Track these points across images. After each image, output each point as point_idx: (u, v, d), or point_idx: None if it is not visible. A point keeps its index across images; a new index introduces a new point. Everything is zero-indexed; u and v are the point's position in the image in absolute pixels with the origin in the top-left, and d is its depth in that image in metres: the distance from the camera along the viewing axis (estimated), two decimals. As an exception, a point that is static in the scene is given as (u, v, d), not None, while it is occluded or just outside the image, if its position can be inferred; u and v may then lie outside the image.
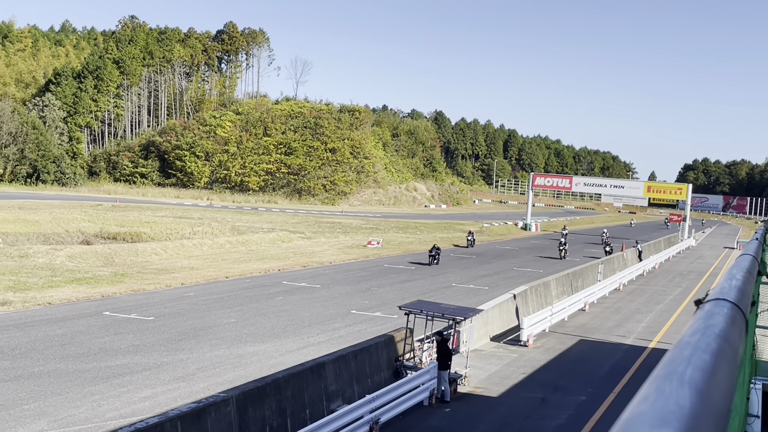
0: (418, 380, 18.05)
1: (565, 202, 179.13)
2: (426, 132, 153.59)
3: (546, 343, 26.34)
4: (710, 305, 2.00)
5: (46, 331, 22.98)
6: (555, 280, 34.66)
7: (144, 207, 75.48)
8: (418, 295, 30.63)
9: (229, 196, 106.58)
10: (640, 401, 1.19)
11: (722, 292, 2.19)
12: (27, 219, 54.35)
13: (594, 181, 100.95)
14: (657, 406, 1.15)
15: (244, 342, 23.08)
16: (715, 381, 1.32)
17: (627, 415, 1.15)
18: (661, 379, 1.28)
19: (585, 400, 19.38)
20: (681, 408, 1.14)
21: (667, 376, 1.29)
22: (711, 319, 1.82)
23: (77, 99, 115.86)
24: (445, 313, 19.87)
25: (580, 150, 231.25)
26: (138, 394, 17.44)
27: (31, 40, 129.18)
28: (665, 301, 37.99)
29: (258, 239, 52.38)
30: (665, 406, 1.15)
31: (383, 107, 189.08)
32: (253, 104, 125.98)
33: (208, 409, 12.68)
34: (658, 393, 1.21)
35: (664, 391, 1.21)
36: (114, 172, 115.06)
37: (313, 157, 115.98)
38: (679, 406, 1.15)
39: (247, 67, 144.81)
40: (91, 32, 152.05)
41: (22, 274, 32.38)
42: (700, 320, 1.81)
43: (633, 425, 1.10)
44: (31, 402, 16.38)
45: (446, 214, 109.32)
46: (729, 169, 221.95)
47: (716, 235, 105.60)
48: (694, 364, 1.37)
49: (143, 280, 33.79)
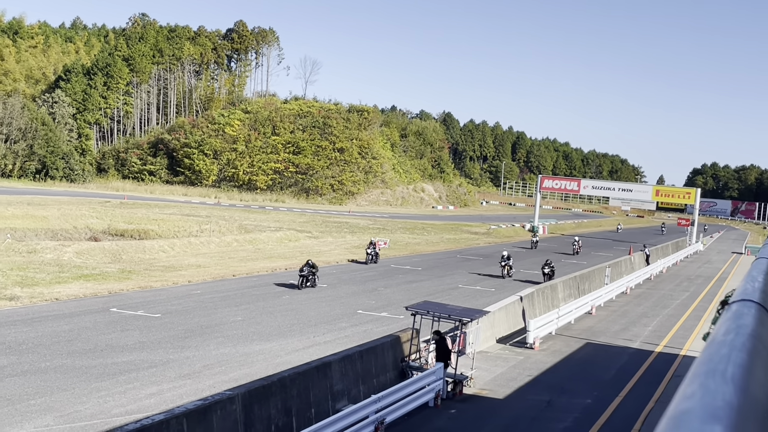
0: (423, 381, 18.04)
1: (573, 205, 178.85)
2: (434, 133, 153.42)
3: (552, 345, 26.29)
4: (737, 306, 2.05)
5: (53, 327, 23.04)
6: (562, 283, 34.61)
7: (152, 204, 75.62)
8: (425, 295, 30.61)
9: (236, 195, 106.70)
10: (686, 398, 1.23)
11: (747, 294, 2.24)
12: (35, 215, 54.49)
13: (602, 184, 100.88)
14: (705, 403, 1.19)
15: (250, 340, 23.09)
16: (755, 378, 1.37)
17: (675, 412, 1.19)
18: (704, 377, 1.32)
19: (591, 404, 19.33)
20: (728, 404, 1.18)
21: (709, 374, 1.34)
22: (741, 319, 1.87)
23: (87, 96, 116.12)
24: (451, 314, 19.86)
25: (589, 153, 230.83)
26: (144, 390, 17.46)
27: (42, 37, 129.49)
28: (672, 305, 37.88)
29: (265, 238, 52.42)
30: (713, 402, 1.19)
31: (392, 108, 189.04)
32: (262, 103, 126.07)
33: (213, 407, 12.68)
34: (703, 390, 1.25)
35: (709, 389, 1.25)
36: (122, 169, 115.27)
37: (321, 157, 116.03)
38: (725, 402, 1.19)
39: (256, 66, 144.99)
40: (102, 29, 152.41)
41: (30, 270, 32.46)
42: (730, 320, 1.86)
43: (684, 421, 1.13)
44: (37, 397, 16.41)
45: (454, 216, 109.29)
46: (738, 174, 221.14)
47: (724, 240, 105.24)
48: (734, 362, 1.41)
49: (150, 277, 33.84)
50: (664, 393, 20.44)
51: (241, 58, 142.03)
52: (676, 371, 23.14)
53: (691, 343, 27.72)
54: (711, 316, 33.64)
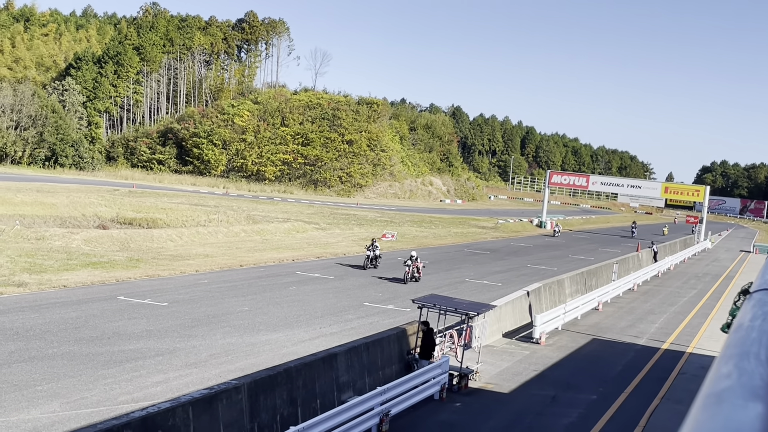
0: (429, 374, 18.07)
1: (582, 201, 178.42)
2: (443, 126, 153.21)
3: (558, 341, 26.29)
4: (761, 295, 2.11)
5: (60, 314, 23.14)
6: (569, 279, 34.58)
7: (160, 193, 75.78)
8: (432, 289, 30.61)
9: (245, 185, 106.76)
10: (724, 377, 1.30)
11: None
12: (44, 202, 54.68)
13: (611, 180, 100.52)
14: (743, 382, 1.26)
15: (256, 330, 23.16)
16: None
17: (714, 389, 1.26)
18: (738, 358, 1.39)
19: (596, 399, 19.34)
20: (767, 384, 1.25)
21: (744, 356, 1.40)
22: (766, 306, 1.93)
23: (97, 84, 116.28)
24: (458, 307, 19.87)
25: (598, 149, 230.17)
26: (150, 378, 17.54)
27: (54, 25, 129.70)
28: (680, 302, 37.83)
29: (273, 229, 52.49)
30: (751, 381, 1.26)
31: (401, 101, 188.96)
32: (271, 94, 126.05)
33: (219, 396, 12.72)
34: (740, 371, 1.32)
35: (745, 370, 1.32)
36: (131, 158, 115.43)
37: (329, 149, 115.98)
38: (764, 381, 1.26)
39: (266, 57, 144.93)
40: (112, 18, 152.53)
41: (38, 257, 32.58)
42: (756, 307, 1.93)
43: (725, 398, 1.20)
44: (44, 383, 16.50)
45: (461, 210, 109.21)
46: (747, 172, 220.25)
47: (732, 238, 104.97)
48: (766, 345, 1.48)
49: (158, 266, 33.94)
50: (669, 390, 20.44)
51: (251, 49, 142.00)
52: (683, 369, 23.13)
53: (698, 341, 27.69)
54: (719, 314, 33.60)
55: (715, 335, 27.75)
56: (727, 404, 1.14)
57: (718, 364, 1.40)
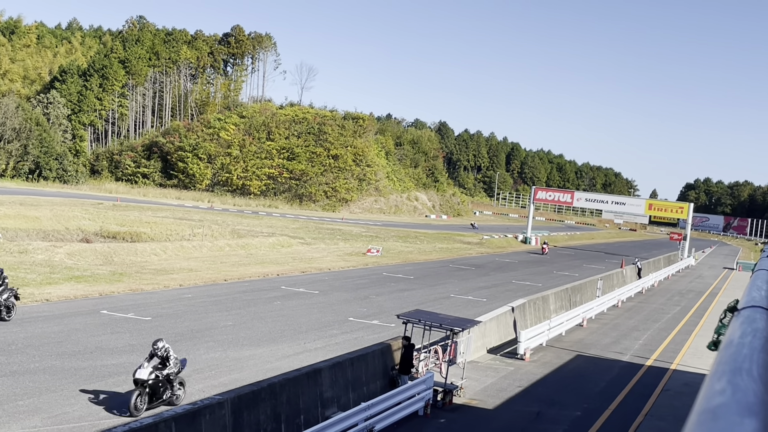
0: (413, 390, 18.02)
1: (566, 217, 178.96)
2: (429, 142, 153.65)
3: (543, 357, 26.30)
4: (749, 312, 2.13)
5: (42, 328, 22.95)
6: (554, 295, 34.64)
7: (145, 207, 75.49)
8: (417, 304, 30.58)
9: (230, 200, 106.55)
10: (717, 394, 1.30)
11: (756, 301, 2.34)
12: (27, 215, 54.33)
13: (595, 196, 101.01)
14: (738, 398, 1.27)
15: (240, 345, 23.04)
16: None
17: (708, 406, 1.26)
18: (731, 375, 1.40)
19: (580, 416, 19.33)
20: (761, 401, 1.25)
21: (736, 372, 1.42)
22: (755, 323, 1.97)
23: (82, 97, 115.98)
24: (443, 323, 19.85)
25: (583, 165, 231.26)
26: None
27: (35, 35, 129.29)
28: (663, 319, 37.95)
29: (258, 243, 52.37)
30: (745, 398, 1.27)
31: (387, 116, 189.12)
32: (257, 108, 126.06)
33: (202, 411, 12.65)
34: (733, 387, 1.33)
35: (739, 386, 1.33)
36: (116, 172, 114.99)
37: (315, 163, 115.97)
38: (758, 398, 1.27)
39: (252, 71, 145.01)
40: (98, 31, 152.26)
41: (21, 270, 32.34)
42: (745, 324, 1.97)
43: (721, 414, 1.20)
44: (25, 398, 16.33)
45: (447, 225, 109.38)
46: (731, 189, 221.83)
47: (716, 255, 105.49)
48: (757, 362, 1.50)
49: (142, 280, 33.76)
50: (653, 406, 20.46)
51: (237, 63, 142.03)
52: (666, 385, 23.17)
53: (682, 358, 27.77)
54: (703, 330, 33.73)
55: (699, 352, 27.84)
56: (723, 420, 1.15)
57: (711, 380, 1.40)
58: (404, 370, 19.14)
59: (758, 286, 2.96)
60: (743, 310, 2.21)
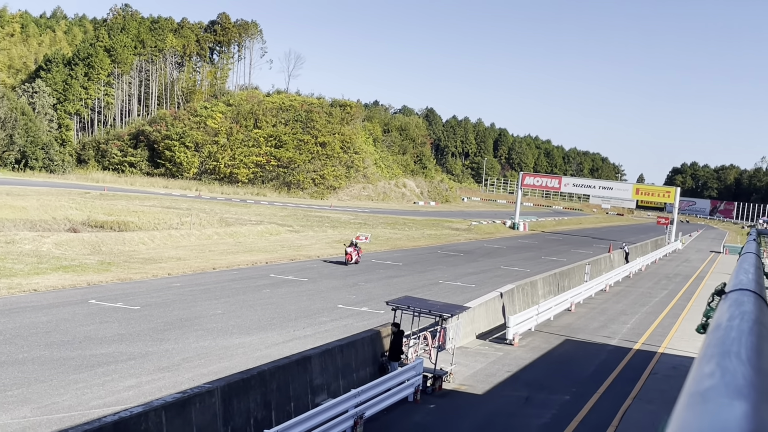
0: (403, 376, 18.07)
1: (554, 203, 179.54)
2: (417, 129, 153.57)
3: (531, 342, 26.40)
4: (736, 295, 2.15)
5: (31, 318, 22.87)
6: (542, 280, 34.76)
7: (132, 196, 75.21)
8: (406, 291, 30.64)
9: (217, 188, 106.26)
10: (707, 376, 1.32)
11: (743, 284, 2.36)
12: (14, 205, 54.04)
13: (583, 182, 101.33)
14: (727, 381, 1.28)
15: (230, 333, 23.04)
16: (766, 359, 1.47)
17: (698, 389, 1.27)
18: (719, 358, 1.42)
19: (569, 400, 19.43)
20: (750, 383, 1.27)
21: (724, 355, 1.44)
22: (742, 306, 1.99)
23: (67, 86, 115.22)
24: (432, 309, 19.88)
25: (570, 151, 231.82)
26: (122, 383, 17.38)
27: (20, 24, 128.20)
28: (651, 303, 38.14)
29: (246, 231, 52.28)
30: (734, 380, 1.28)
31: (374, 103, 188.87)
32: (244, 96, 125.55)
33: (192, 400, 12.64)
34: (722, 370, 1.34)
35: (728, 369, 1.35)
36: (103, 161, 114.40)
37: (303, 151, 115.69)
38: (746, 381, 1.28)
39: (239, 59, 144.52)
40: (82, 19, 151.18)
41: (8, 261, 32.20)
42: (732, 307, 1.99)
43: (710, 396, 1.21)
44: (14, 388, 16.29)
45: (435, 211, 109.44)
46: (717, 173, 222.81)
47: (703, 239, 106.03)
48: (745, 345, 1.51)
49: (130, 269, 33.66)
50: (641, 390, 20.59)
51: (223, 51, 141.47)
52: (654, 369, 23.32)
53: (669, 341, 27.93)
54: (690, 314, 33.92)
55: (687, 335, 28.02)
56: (712, 403, 1.16)
57: (699, 363, 1.41)
58: (394, 356, 19.18)
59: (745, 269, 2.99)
60: (731, 293, 2.23)
